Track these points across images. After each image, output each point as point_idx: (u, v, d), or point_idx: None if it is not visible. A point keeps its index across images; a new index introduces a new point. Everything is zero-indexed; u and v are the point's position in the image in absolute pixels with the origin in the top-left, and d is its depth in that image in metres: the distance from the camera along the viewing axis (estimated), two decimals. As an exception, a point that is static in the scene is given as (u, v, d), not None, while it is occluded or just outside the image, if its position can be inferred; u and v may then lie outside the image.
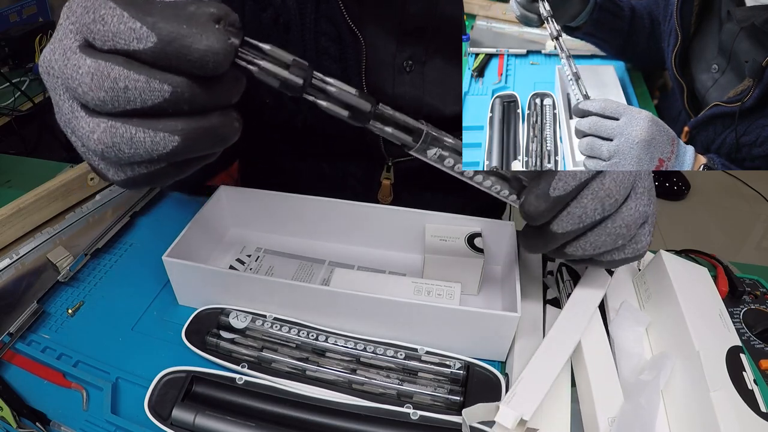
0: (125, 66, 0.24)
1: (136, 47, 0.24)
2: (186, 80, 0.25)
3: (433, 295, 0.47)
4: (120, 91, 0.24)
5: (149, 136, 0.25)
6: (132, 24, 0.24)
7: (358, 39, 0.49)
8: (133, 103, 0.25)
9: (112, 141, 0.25)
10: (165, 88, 0.24)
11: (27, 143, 1.19)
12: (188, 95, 0.25)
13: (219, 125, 0.27)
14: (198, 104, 0.26)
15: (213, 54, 0.24)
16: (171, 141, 0.25)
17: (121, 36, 0.24)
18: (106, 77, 0.24)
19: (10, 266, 0.52)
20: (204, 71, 0.25)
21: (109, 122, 0.25)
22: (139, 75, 0.24)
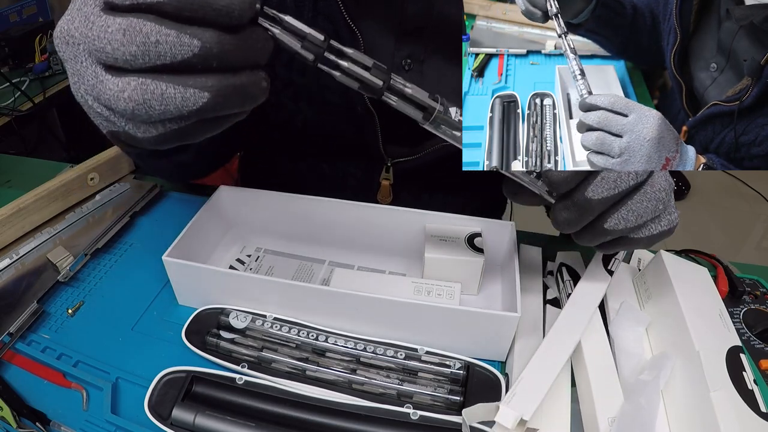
0: (156, 22, 0.24)
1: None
2: (215, 35, 0.25)
3: (433, 295, 0.47)
4: (152, 45, 0.24)
5: (179, 92, 0.26)
6: None
7: (356, 37, 0.49)
8: (164, 57, 0.25)
9: (143, 98, 0.25)
10: (195, 42, 0.25)
11: (27, 143, 1.19)
12: (217, 51, 0.25)
13: (248, 83, 0.27)
14: (227, 61, 0.26)
15: (239, 3, 0.25)
16: (201, 97, 0.26)
17: None
18: (138, 32, 0.24)
19: (10, 266, 0.52)
20: (230, 19, 0.25)
21: (139, 79, 0.25)
22: (170, 30, 0.24)
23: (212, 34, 0.25)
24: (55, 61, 1.21)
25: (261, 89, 0.28)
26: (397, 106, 0.32)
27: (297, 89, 0.54)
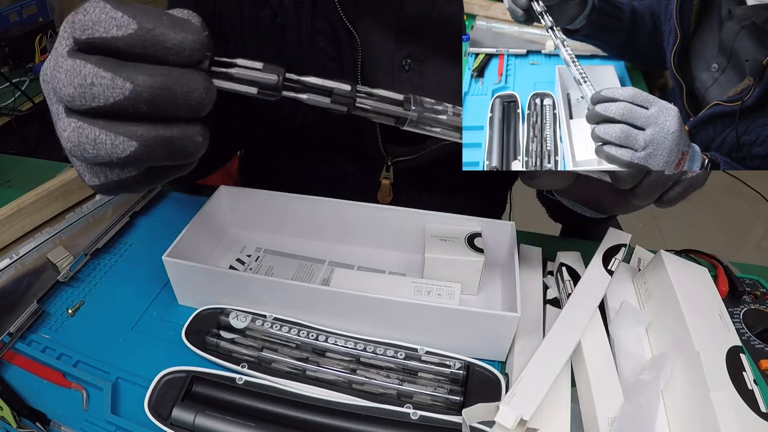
0: (96, 64, 0.25)
1: (115, 34, 0.25)
2: (149, 79, 0.25)
3: (433, 295, 0.47)
4: (87, 87, 0.25)
5: (110, 138, 0.26)
6: (114, 13, 0.25)
7: (354, 38, 0.49)
8: (98, 99, 0.25)
9: (78, 140, 0.26)
10: (127, 85, 0.25)
11: (27, 143, 1.19)
12: (147, 95, 0.25)
13: (179, 136, 0.27)
14: (158, 107, 0.26)
15: (190, 42, 0.25)
16: (129, 145, 0.26)
17: (101, 24, 0.25)
18: (77, 74, 0.25)
19: (10, 266, 0.52)
20: (180, 58, 0.26)
21: (78, 122, 0.26)
22: (106, 72, 0.25)
23: (145, 78, 0.25)
24: (55, 61, 1.21)
25: (194, 144, 0.28)
26: (375, 118, 0.32)
27: None
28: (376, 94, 0.31)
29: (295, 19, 0.50)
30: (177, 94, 0.26)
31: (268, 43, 0.52)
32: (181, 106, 0.26)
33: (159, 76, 0.25)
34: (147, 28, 0.25)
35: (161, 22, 0.25)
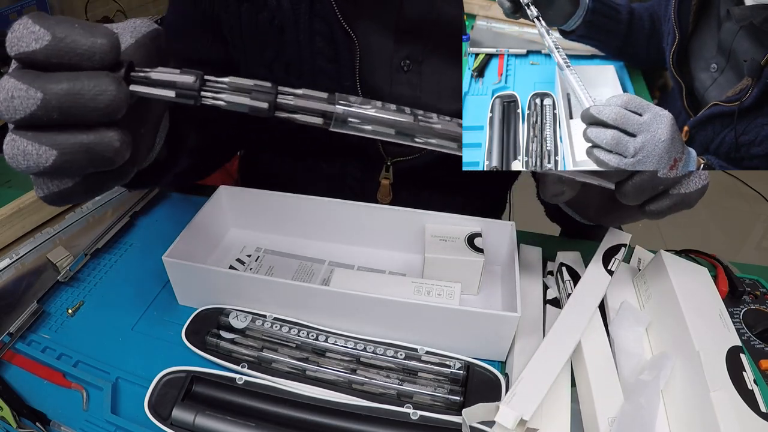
0: (17, 77, 0.26)
1: (35, 47, 0.26)
2: (56, 87, 0.26)
3: (433, 295, 0.47)
4: (9, 100, 0.26)
5: (35, 148, 0.27)
6: (33, 27, 0.26)
7: (351, 39, 0.49)
8: (19, 112, 0.26)
9: (12, 152, 0.27)
10: (38, 95, 0.26)
11: (27, 143, 1.19)
12: (55, 102, 0.26)
13: (96, 142, 0.28)
14: (68, 114, 0.27)
15: (99, 45, 0.26)
16: (51, 154, 0.27)
17: (24, 39, 0.26)
18: (2, 89, 0.26)
19: (10, 266, 0.52)
20: (92, 62, 0.27)
21: (12, 135, 0.27)
22: (23, 84, 0.26)
23: (53, 85, 0.26)
24: (55, 61, 1.21)
25: (113, 150, 0.28)
26: (301, 119, 0.32)
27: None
28: (297, 93, 0.30)
29: (293, 20, 0.50)
30: (85, 98, 0.26)
31: (266, 44, 0.52)
32: (91, 110, 0.27)
33: (66, 82, 0.26)
34: (59, 37, 0.26)
35: (73, 30, 0.26)
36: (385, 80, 0.54)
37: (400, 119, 0.32)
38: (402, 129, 0.32)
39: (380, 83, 0.54)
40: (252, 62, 0.54)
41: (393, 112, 0.32)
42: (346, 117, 0.32)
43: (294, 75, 0.53)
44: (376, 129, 0.32)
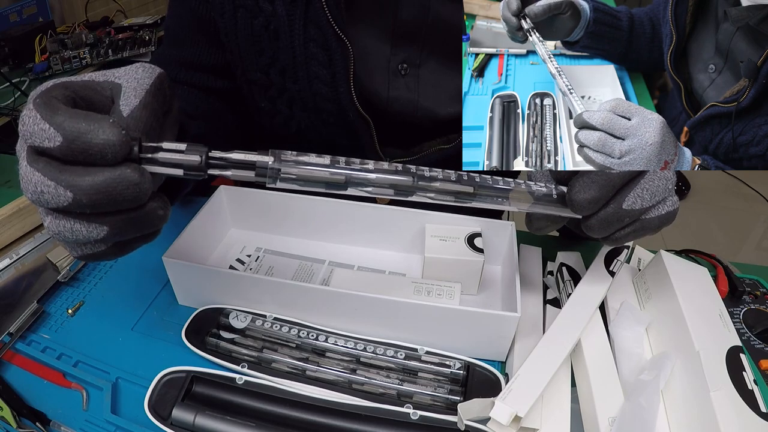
0: (42, 172, 0.27)
1: (48, 146, 0.27)
2: (83, 189, 0.27)
3: (433, 295, 0.47)
4: (39, 194, 0.27)
5: (84, 226, 0.29)
6: (42, 125, 0.27)
7: (345, 44, 0.49)
8: (49, 204, 0.28)
9: (57, 229, 0.29)
10: (68, 194, 0.27)
11: (27, 143, 1.19)
12: (86, 201, 0.27)
13: (143, 215, 0.30)
14: (100, 207, 0.28)
15: (111, 146, 0.27)
16: (102, 230, 0.29)
17: (36, 136, 0.27)
18: (29, 182, 0.27)
19: (10, 266, 0.52)
20: (106, 162, 0.27)
21: (51, 216, 0.29)
22: (50, 181, 0.27)
23: (80, 189, 0.27)
24: (55, 61, 1.20)
25: (158, 217, 0.31)
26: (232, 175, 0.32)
27: (291, 96, 0.54)
28: (230, 159, 0.31)
29: (288, 26, 0.50)
30: (112, 195, 0.28)
31: (262, 50, 0.52)
32: (121, 202, 0.28)
33: (90, 179, 0.27)
34: (70, 139, 0.27)
35: (81, 127, 0.27)
36: (383, 84, 0.54)
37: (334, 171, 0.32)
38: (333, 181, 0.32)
39: (378, 88, 0.54)
40: (248, 67, 0.54)
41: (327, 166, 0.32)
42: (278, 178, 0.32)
43: (290, 80, 0.53)
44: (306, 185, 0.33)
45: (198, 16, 0.54)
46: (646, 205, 0.35)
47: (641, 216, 0.36)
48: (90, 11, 1.44)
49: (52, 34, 1.24)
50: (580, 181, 0.34)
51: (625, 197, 0.34)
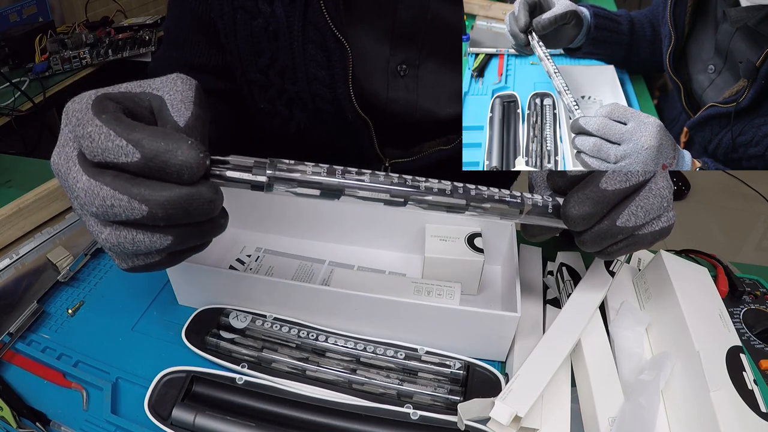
0: (112, 186, 0.27)
1: (125, 161, 0.27)
2: (159, 203, 0.27)
3: (433, 295, 0.47)
4: (108, 207, 0.28)
5: (147, 236, 0.29)
6: (119, 142, 0.27)
7: (343, 45, 0.49)
8: (119, 216, 0.28)
9: (117, 241, 0.29)
10: (143, 208, 0.27)
11: (27, 143, 1.18)
12: (162, 215, 0.28)
13: (207, 226, 0.31)
14: (174, 220, 0.29)
15: (188, 167, 0.28)
16: (166, 240, 0.30)
17: (110, 152, 0.27)
18: (96, 196, 0.27)
19: (10, 266, 0.52)
20: (181, 181, 0.28)
21: (111, 228, 0.29)
22: (122, 195, 0.27)
23: (157, 200, 0.27)
24: (55, 61, 1.20)
25: (220, 227, 0.32)
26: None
27: (290, 97, 0.54)
28: (229, 162, 0.31)
29: (287, 27, 0.50)
30: (188, 211, 0.28)
31: (261, 51, 0.52)
32: (194, 216, 0.29)
33: (167, 197, 0.28)
34: (149, 156, 0.27)
35: (160, 147, 0.27)
36: (382, 86, 0.54)
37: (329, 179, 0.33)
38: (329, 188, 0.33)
39: (377, 89, 0.54)
40: (248, 68, 0.54)
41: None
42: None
43: (289, 81, 0.53)
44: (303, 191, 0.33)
45: (198, 17, 0.54)
46: (639, 223, 0.35)
47: (635, 232, 0.36)
48: (90, 11, 1.44)
49: (52, 34, 1.24)
50: (575, 196, 0.34)
51: (620, 214, 0.34)
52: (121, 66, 1.27)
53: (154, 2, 1.68)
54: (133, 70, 1.26)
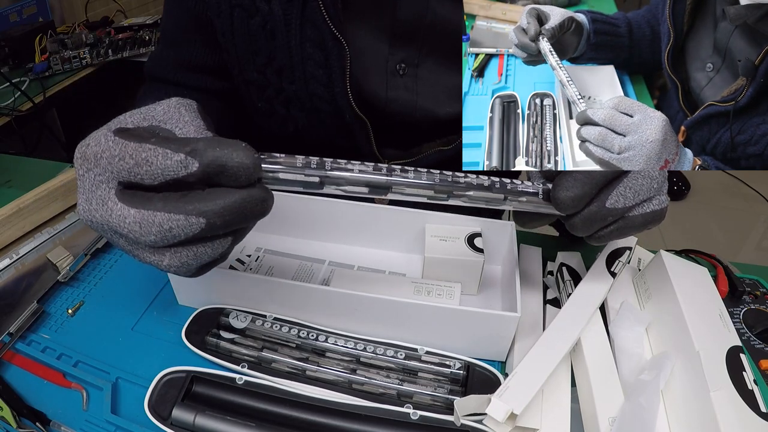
0: (165, 210, 0.28)
1: (185, 173, 0.28)
2: (216, 212, 0.28)
3: (433, 295, 0.47)
4: (166, 232, 0.28)
5: (209, 247, 0.30)
6: (177, 157, 0.28)
7: (341, 44, 0.49)
8: (178, 237, 0.29)
9: (180, 261, 0.30)
10: (201, 221, 0.28)
11: (27, 143, 1.18)
12: (220, 223, 0.29)
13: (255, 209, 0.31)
14: (231, 225, 0.29)
15: (245, 168, 0.28)
16: (226, 242, 0.31)
17: (170, 169, 0.28)
18: (152, 224, 0.28)
19: (10, 266, 0.52)
20: (238, 182, 0.29)
21: (170, 250, 0.30)
22: (178, 215, 0.28)
23: (213, 213, 0.28)
24: (55, 61, 1.20)
25: (266, 210, 0.32)
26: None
27: (288, 96, 0.54)
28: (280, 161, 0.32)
29: (284, 26, 0.50)
30: (244, 214, 0.29)
31: (259, 49, 0.52)
32: (249, 219, 0.30)
33: (222, 204, 0.28)
34: (206, 162, 0.28)
35: (215, 152, 0.28)
36: (381, 85, 0.54)
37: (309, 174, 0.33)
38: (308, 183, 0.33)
39: (375, 88, 0.54)
40: (245, 67, 0.54)
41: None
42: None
43: (286, 80, 0.53)
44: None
45: (195, 16, 0.54)
46: (629, 204, 0.35)
47: (625, 214, 0.36)
48: (90, 11, 1.44)
49: (52, 34, 1.24)
50: (564, 179, 0.34)
51: (608, 195, 0.35)
52: (121, 66, 1.27)
53: (154, 2, 1.68)
54: (133, 70, 1.26)
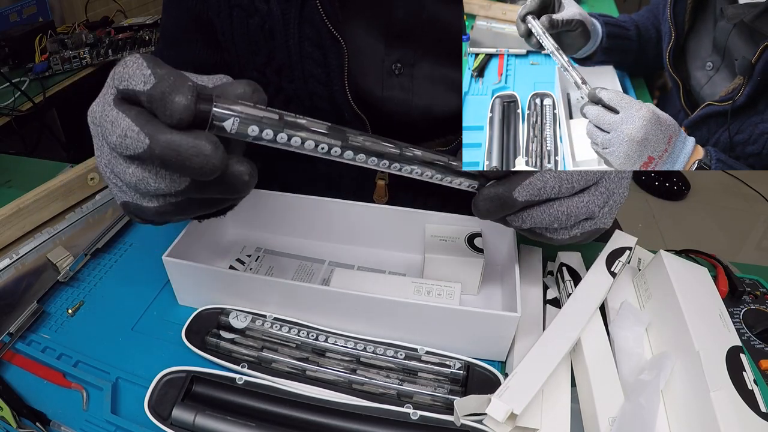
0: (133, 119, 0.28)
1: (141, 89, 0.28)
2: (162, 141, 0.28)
3: (433, 295, 0.47)
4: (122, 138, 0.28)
5: (168, 174, 0.30)
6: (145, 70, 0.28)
7: (339, 43, 0.49)
8: (129, 149, 0.29)
9: (141, 176, 0.30)
10: (146, 141, 0.28)
11: (27, 143, 1.18)
12: (158, 152, 0.28)
13: (227, 178, 0.31)
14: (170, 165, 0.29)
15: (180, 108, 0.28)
16: (184, 181, 0.30)
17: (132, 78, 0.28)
18: (117, 126, 0.28)
19: (10, 266, 0.52)
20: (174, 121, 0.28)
21: (137, 162, 0.30)
22: (136, 127, 0.28)
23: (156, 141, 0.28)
24: (55, 61, 1.20)
25: (242, 183, 0.31)
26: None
27: (288, 95, 0.54)
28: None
29: (283, 25, 0.50)
30: (183, 157, 0.28)
31: (258, 49, 0.52)
32: (189, 168, 0.28)
33: (168, 139, 0.28)
34: (155, 86, 0.28)
35: (168, 84, 0.28)
36: (377, 84, 0.54)
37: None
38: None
39: (372, 87, 0.54)
40: (245, 67, 0.54)
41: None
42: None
43: (286, 79, 0.53)
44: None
45: (195, 16, 0.54)
46: (524, 228, 0.37)
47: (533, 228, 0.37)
48: (90, 11, 1.45)
49: (52, 34, 1.24)
50: (488, 191, 0.36)
51: (521, 215, 0.36)
52: (120, 66, 1.27)
53: (154, 2, 1.68)
54: (133, 70, 1.26)
